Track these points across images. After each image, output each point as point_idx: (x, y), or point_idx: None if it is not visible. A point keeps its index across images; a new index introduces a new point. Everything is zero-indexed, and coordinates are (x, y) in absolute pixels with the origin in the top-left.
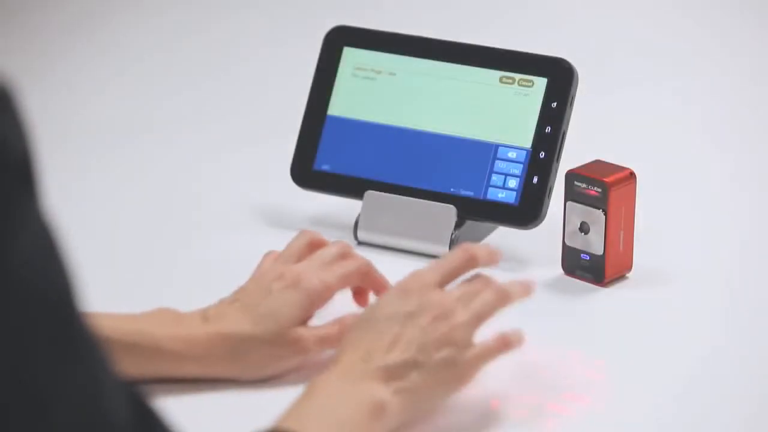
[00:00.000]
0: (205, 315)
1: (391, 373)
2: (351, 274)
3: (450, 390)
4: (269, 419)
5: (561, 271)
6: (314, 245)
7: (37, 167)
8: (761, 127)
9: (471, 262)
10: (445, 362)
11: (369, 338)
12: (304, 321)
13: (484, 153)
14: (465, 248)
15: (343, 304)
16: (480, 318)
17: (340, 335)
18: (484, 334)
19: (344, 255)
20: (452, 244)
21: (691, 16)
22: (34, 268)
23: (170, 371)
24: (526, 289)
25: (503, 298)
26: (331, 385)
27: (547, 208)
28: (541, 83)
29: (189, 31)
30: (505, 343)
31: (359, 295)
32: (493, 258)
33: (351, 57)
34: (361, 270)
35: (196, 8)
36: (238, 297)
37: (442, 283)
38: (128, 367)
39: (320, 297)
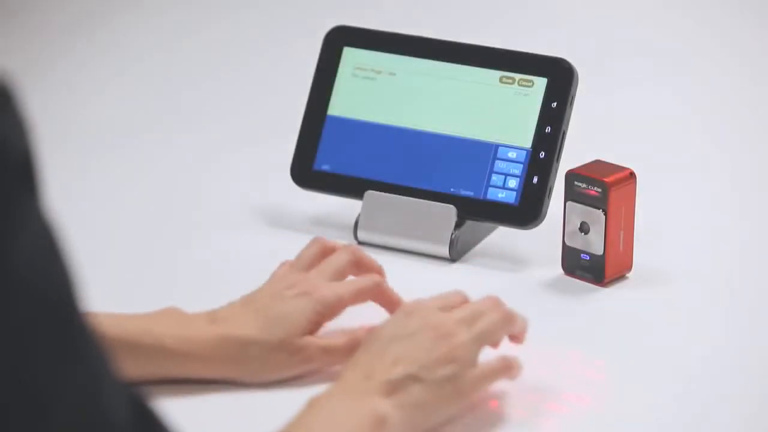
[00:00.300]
0: (212, 316)
1: (393, 388)
2: (364, 291)
3: (452, 407)
4: (268, 422)
5: (561, 271)
6: (326, 253)
7: (38, 166)
8: (761, 127)
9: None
10: (447, 378)
11: (371, 357)
12: (312, 331)
13: (484, 153)
14: (462, 292)
15: (353, 315)
16: (483, 338)
17: (347, 348)
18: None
19: (356, 262)
20: (452, 244)
21: (691, 16)
22: (35, 267)
23: (174, 371)
24: (525, 326)
25: (507, 320)
26: (333, 400)
27: (547, 208)
28: (541, 83)
29: (189, 31)
30: (507, 366)
31: None
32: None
33: (351, 57)
34: (374, 289)
35: (196, 8)
36: (247, 301)
37: (444, 309)
38: (132, 366)
39: (331, 309)
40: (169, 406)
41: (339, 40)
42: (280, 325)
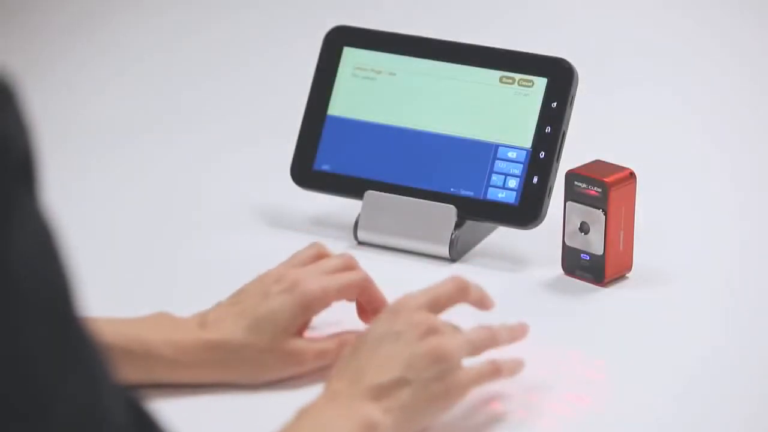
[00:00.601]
0: (202, 320)
1: (381, 392)
2: (351, 285)
3: (440, 407)
4: (264, 423)
5: (561, 271)
6: (321, 257)
7: (39, 164)
8: (761, 127)
9: (462, 293)
10: (434, 377)
11: (358, 361)
12: (300, 327)
13: (484, 153)
14: (458, 279)
15: (343, 311)
16: (469, 345)
17: (339, 350)
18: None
19: (347, 267)
20: (452, 244)
21: (691, 16)
22: (33, 267)
23: (164, 377)
24: (516, 334)
25: (493, 338)
26: (322, 409)
27: (547, 208)
28: (541, 83)
29: (189, 31)
30: (496, 371)
31: (363, 312)
32: (483, 302)
33: (351, 57)
34: (361, 283)
35: (196, 8)
36: (236, 300)
37: (432, 307)
38: (122, 372)
39: (318, 302)
40: (165, 408)
41: (339, 40)
42: (268, 326)
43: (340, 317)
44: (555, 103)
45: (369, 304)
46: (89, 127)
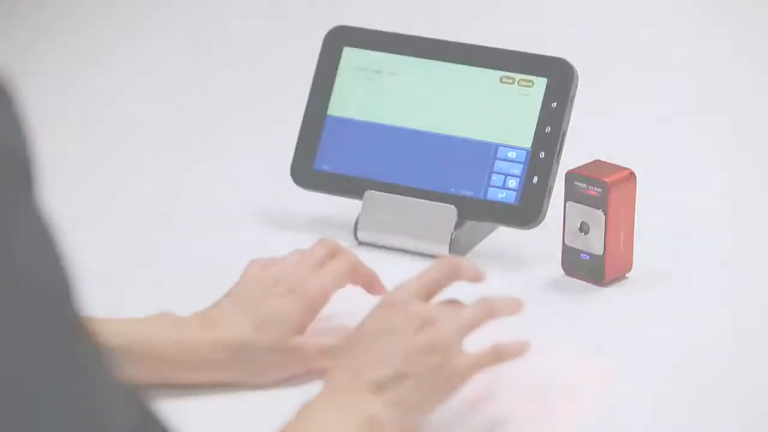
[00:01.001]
0: (204, 319)
1: (382, 387)
2: (344, 273)
3: (441, 396)
4: (266, 422)
5: (561, 271)
6: None
7: (37, 166)
8: (761, 127)
9: (454, 274)
10: (433, 369)
11: (356, 356)
12: (304, 326)
13: (484, 153)
14: (448, 259)
15: (343, 310)
16: (466, 326)
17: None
18: (482, 341)
19: (332, 252)
20: (452, 244)
21: (691, 16)
22: (33, 269)
23: (168, 377)
24: (513, 307)
25: (490, 310)
26: (324, 406)
27: (547, 208)
28: (541, 83)
29: (189, 31)
30: (499, 354)
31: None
32: (476, 276)
33: (351, 57)
34: (351, 268)
35: (196, 9)
36: (235, 300)
37: (426, 294)
38: (126, 372)
39: (319, 302)
40: (166, 408)
41: (339, 40)
42: (274, 326)
43: (339, 316)
44: (555, 103)
45: (362, 284)
46: (90, 128)
